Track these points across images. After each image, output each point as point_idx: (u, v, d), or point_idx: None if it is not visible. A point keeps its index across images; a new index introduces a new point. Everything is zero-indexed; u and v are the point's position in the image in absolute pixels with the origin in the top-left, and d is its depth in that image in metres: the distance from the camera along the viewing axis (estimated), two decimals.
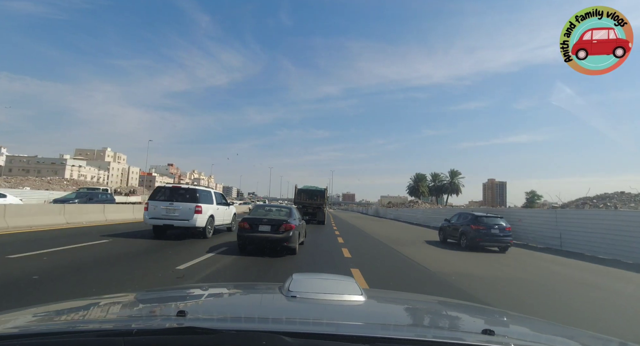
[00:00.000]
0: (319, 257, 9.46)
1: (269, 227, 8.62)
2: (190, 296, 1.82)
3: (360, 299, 1.46)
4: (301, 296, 1.41)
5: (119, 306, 1.58)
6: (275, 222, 8.77)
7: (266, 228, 8.61)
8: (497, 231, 12.93)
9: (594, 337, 1.42)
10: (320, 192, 24.44)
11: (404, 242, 14.64)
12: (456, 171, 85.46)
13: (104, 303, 1.58)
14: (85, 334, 1.00)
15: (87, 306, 1.52)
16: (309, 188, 24.72)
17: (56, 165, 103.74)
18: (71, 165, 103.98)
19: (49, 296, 4.74)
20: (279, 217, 9.28)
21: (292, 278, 1.62)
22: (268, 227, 8.61)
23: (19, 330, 1.11)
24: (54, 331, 1.08)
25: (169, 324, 1.13)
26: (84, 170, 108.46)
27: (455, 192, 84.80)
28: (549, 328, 1.63)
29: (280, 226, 8.60)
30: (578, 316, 5.33)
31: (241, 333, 0.97)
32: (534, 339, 1.35)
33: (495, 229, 12.94)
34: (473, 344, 1.03)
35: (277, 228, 8.56)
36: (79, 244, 8.93)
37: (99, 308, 1.52)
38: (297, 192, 24.24)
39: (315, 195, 23.97)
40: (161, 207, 10.89)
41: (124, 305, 1.60)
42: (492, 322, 1.56)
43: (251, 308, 1.60)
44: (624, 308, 6.11)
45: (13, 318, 1.21)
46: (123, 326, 1.15)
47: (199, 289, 2.07)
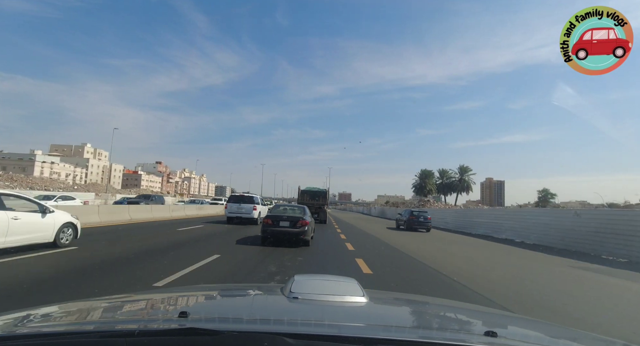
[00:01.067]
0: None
1: (288, 222, 10.27)
2: (192, 298, 1.81)
3: (362, 300, 1.45)
4: (303, 298, 1.40)
5: (121, 306, 1.57)
6: (293, 218, 10.42)
7: (286, 223, 10.27)
8: (423, 220, 22.22)
9: (597, 339, 1.42)
10: (322, 192, 25.97)
11: None
12: (466, 167, 76.62)
13: (105, 304, 1.58)
14: (87, 335, 1.00)
15: (88, 307, 1.51)
16: (312, 189, 26.31)
17: (24, 161, 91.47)
18: (42, 162, 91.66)
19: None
20: (296, 214, 10.88)
21: (293, 279, 1.61)
22: (287, 223, 10.26)
23: (20, 330, 1.11)
24: (55, 332, 1.08)
25: (171, 325, 1.13)
26: (57, 167, 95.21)
27: (466, 189, 76.78)
28: (552, 330, 1.62)
29: (297, 222, 10.27)
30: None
31: (243, 335, 0.97)
32: (536, 341, 1.34)
33: (422, 219, 22.26)
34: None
35: (295, 224, 10.23)
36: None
37: (101, 309, 1.51)
38: (300, 192, 25.64)
39: (317, 195, 25.24)
40: (234, 206, 18.89)
41: (126, 305, 1.59)
42: (495, 324, 1.56)
43: (253, 309, 1.59)
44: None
45: (14, 318, 1.20)
46: (125, 327, 1.15)
47: (201, 290, 2.06)
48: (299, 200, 24.98)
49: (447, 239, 17.94)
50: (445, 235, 20.91)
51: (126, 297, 1.78)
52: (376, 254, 10.23)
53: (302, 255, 8.98)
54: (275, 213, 10.98)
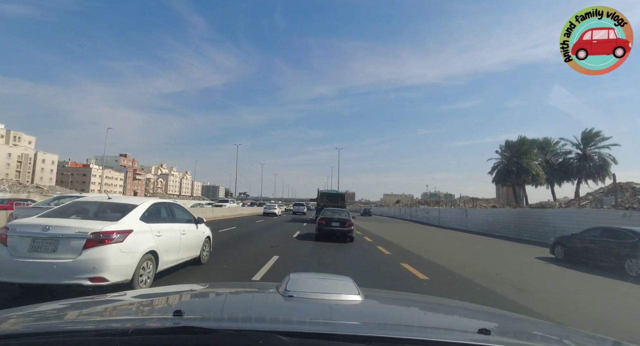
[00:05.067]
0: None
1: (339, 223, 13.34)
2: (187, 296, 1.82)
3: (357, 299, 1.46)
4: (298, 296, 1.41)
5: (115, 305, 1.58)
6: (342, 220, 13.46)
7: (336, 224, 13.35)
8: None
9: (588, 336, 1.43)
10: (341, 195, 27.63)
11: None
12: (595, 132, 36.92)
13: (99, 303, 1.58)
14: (81, 334, 1.00)
15: (82, 306, 1.51)
16: (330, 192, 28.99)
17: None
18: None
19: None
20: (343, 216, 13.86)
21: (289, 277, 1.62)
22: (338, 223, 13.35)
23: (13, 329, 1.11)
24: (48, 331, 1.08)
25: (166, 323, 1.13)
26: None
27: (597, 173, 35.83)
28: (545, 328, 1.63)
29: (346, 222, 13.35)
30: None
31: (238, 333, 0.97)
32: (529, 338, 1.35)
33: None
34: (469, 343, 1.03)
35: (344, 224, 13.30)
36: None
37: (95, 308, 1.51)
38: (320, 194, 27.22)
39: (336, 197, 26.28)
40: (267, 205, 39.23)
41: (120, 304, 1.59)
42: (488, 322, 1.56)
43: (248, 307, 1.60)
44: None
45: (7, 317, 1.20)
46: (119, 326, 1.15)
47: (196, 289, 2.07)
48: (318, 202, 26.08)
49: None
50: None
51: (121, 295, 1.78)
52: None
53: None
54: (327, 216, 13.80)
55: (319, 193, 27.73)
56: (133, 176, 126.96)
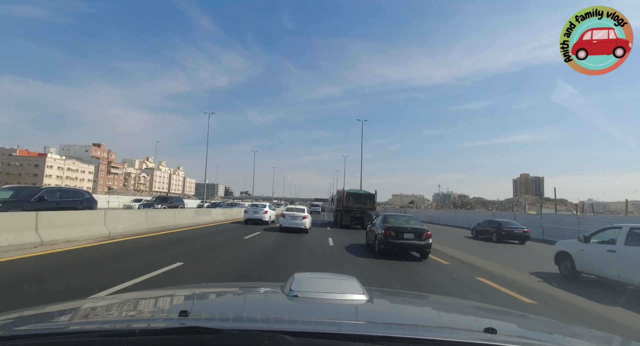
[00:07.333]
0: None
1: (413, 234, 10.36)
2: (192, 296, 1.81)
3: (362, 298, 1.45)
4: (303, 296, 1.41)
5: (121, 306, 1.57)
6: (417, 230, 10.47)
7: (410, 235, 10.35)
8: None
9: (595, 335, 1.42)
10: (370, 195, 23.14)
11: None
12: None
13: (105, 303, 1.58)
14: (87, 334, 1.00)
15: (88, 307, 1.52)
16: (357, 192, 24.00)
17: None
18: None
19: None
20: (417, 225, 10.98)
21: (293, 277, 1.62)
22: (412, 235, 10.35)
23: (20, 330, 1.11)
24: (55, 331, 1.08)
25: (171, 324, 1.13)
26: None
27: None
28: (551, 327, 1.63)
29: (422, 234, 10.33)
30: None
31: (243, 333, 0.98)
32: (535, 337, 1.34)
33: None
34: (476, 342, 1.02)
35: (420, 236, 10.30)
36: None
37: (101, 308, 1.51)
38: (345, 195, 23.04)
39: (364, 198, 22.84)
40: (252, 211, 22.03)
41: (126, 305, 1.59)
42: (494, 320, 1.56)
43: (253, 307, 1.60)
44: None
45: (14, 318, 1.21)
46: (125, 327, 1.15)
47: (201, 289, 2.07)
48: (343, 203, 22.49)
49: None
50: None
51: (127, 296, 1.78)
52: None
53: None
54: (397, 225, 10.80)
55: (342, 193, 23.74)
56: (107, 169, 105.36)
